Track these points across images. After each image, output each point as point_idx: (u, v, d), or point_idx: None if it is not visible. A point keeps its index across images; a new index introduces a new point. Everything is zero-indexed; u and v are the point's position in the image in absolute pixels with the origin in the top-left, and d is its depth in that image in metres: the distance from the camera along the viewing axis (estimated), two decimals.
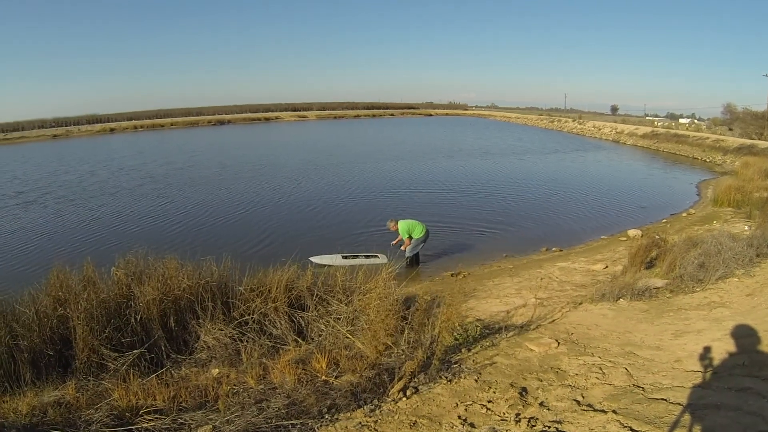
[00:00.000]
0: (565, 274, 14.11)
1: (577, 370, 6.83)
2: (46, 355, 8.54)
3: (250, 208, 27.13)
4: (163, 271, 10.05)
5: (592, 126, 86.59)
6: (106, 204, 29.85)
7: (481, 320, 9.84)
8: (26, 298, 9.33)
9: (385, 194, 29.45)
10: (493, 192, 31.02)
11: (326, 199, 29.39)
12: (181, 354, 9.16)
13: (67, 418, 6.49)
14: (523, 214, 24.56)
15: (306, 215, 25.35)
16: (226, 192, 32.29)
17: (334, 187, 33.25)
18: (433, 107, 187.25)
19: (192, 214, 26.34)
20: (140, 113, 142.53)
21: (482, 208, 26.23)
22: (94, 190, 34.73)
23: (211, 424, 6.07)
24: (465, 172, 39.60)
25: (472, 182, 34.43)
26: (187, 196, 31.44)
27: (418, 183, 33.96)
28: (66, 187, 36.72)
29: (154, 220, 25.48)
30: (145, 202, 29.95)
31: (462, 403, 6.13)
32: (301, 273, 10.57)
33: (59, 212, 28.32)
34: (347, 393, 6.65)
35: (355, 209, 26.46)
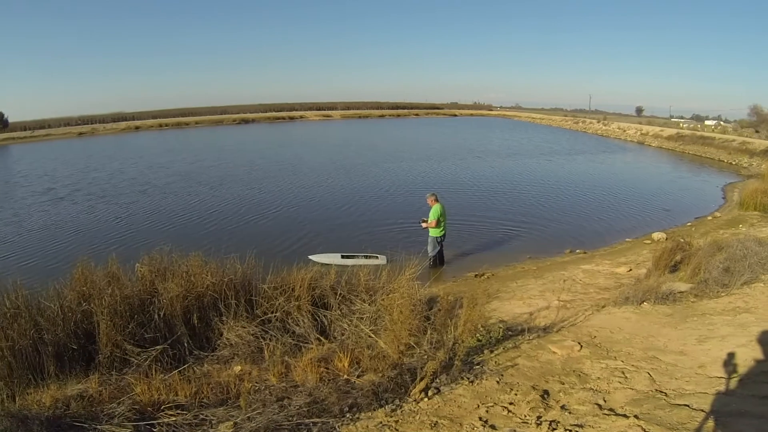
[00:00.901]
0: (589, 277, 14.00)
1: (600, 374, 6.79)
2: (69, 348, 8.62)
3: (279, 207, 27.23)
4: (187, 268, 10.12)
5: (617, 127, 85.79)
6: (137, 201, 30.12)
7: (504, 322, 9.79)
8: (51, 292, 9.43)
9: (413, 193, 29.32)
10: (520, 192, 30.91)
11: (354, 197, 29.54)
12: (204, 351, 9.22)
13: (89, 411, 6.53)
14: (549, 215, 24.46)
15: (334, 214, 25.48)
16: (254, 190, 32.41)
17: (361, 186, 33.42)
18: (458, 107, 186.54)
19: (220, 212, 26.50)
20: (165, 112, 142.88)
21: (508, 207, 26.19)
22: (124, 188, 35.03)
23: (232, 421, 6.10)
24: (492, 172, 39.51)
25: (499, 182, 34.42)
26: (216, 194, 31.59)
27: (446, 182, 33.77)
28: (96, 184, 37.12)
29: (182, 217, 25.69)
30: (174, 200, 30.22)
31: (483, 405, 6.12)
32: (324, 272, 10.58)
33: (89, 209, 28.63)
34: (369, 392, 6.65)
35: (383, 207, 26.61)
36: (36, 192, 34.98)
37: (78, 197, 32.16)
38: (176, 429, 6.01)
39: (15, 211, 28.83)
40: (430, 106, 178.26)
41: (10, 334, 8.25)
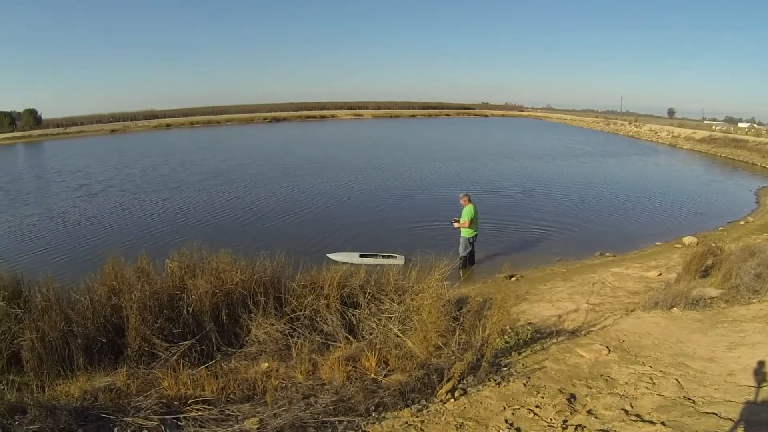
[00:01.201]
0: (618, 280, 13.89)
1: (627, 379, 6.75)
2: (98, 342, 8.76)
3: (311, 206, 27.40)
4: (217, 265, 10.21)
5: (649, 129, 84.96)
6: (169, 198, 30.49)
7: (532, 324, 9.73)
8: (82, 286, 9.63)
9: (444, 193, 29.34)
10: (551, 193, 30.85)
11: (386, 196, 29.77)
12: (232, 347, 9.30)
13: (117, 404, 6.60)
14: (580, 217, 24.39)
15: (365, 213, 25.67)
16: (286, 189, 32.61)
17: (393, 185, 33.64)
18: (488, 108, 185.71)
19: (252, 209, 26.69)
20: (196, 110, 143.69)
21: (540, 209, 26.12)
22: (157, 184, 35.44)
23: (258, 417, 6.12)
24: (524, 173, 39.47)
25: (530, 183, 34.36)
26: (248, 192, 31.82)
27: (477, 182, 33.79)
28: (128, 181, 37.59)
29: (214, 214, 25.92)
30: (206, 197, 30.54)
31: (509, 407, 6.11)
32: (354, 271, 10.60)
33: (122, 205, 29.02)
34: (395, 392, 6.66)
35: (414, 207, 26.76)
36: (70, 188, 35.60)
37: (111, 193, 32.64)
38: (202, 423, 6.04)
39: (50, 207, 29.33)
40: (461, 107, 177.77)
41: (40, 326, 8.39)
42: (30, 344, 8.35)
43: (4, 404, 6.05)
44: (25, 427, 5.55)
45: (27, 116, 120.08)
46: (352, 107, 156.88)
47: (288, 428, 5.81)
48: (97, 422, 6.01)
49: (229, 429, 5.86)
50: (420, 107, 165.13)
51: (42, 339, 8.36)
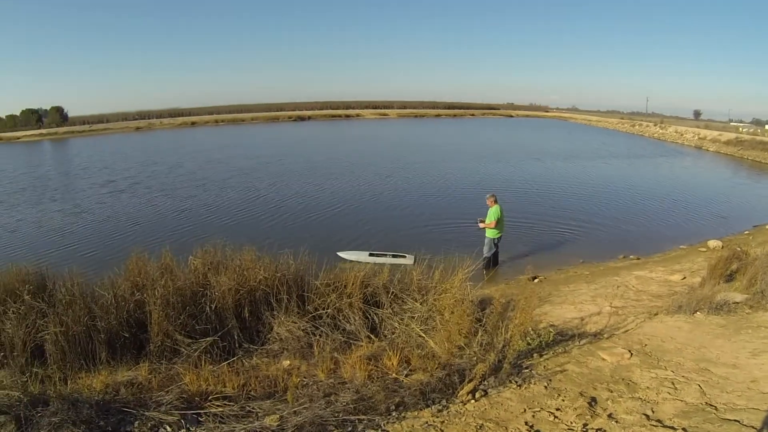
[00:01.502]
0: (642, 284, 13.80)
1: (649, 383, 6.71)
2: (121, 336, 8.87)
3: (336, 204, 27.52)
4: (240, 263, 10.29)
5: (674, 131, 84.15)
6: (195, 195, 30.83)
7: (554, 326, 9.73)
8: (106, 281, 9.77)
9: (469, 193, 29.40)
10: (577, 194, 30.81)
11: (411, 196, 29.94)
12: (254, 344, 9.36)
13: (138, 398, 6.67)
14: (604, 219, 24.29)
15: (391, 212, 25.77)
16: (312, 187, 32.81)
17: (418, 184, 33.71)
18: (513, 108, 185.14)
19: (277, 207, 26.91)
20: (221, 108, 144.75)
21: (565, 209, 26.10)
22: (183, 182, 35.82)
23: (278, 414, 6.15)
24: (550, 174, 39.43)
25: (556, 184, 34.38)
26: (274, 190, 32.04)
27: (503, 183, 33.80)
28: (155, 178, 38.08)
29: (240, 212, 26.13)
30: (232, 195, 30.80)
31: (530, 410, 6.10)
32: (378, 270, 10.61)
33: (149, 201, 29.42)
34: (416, 392, 6.67)
35: (440, 206, 26.94)
36: (96, 184, 36.14)
37: (138, 190, 33.00)
38: (222, 419, 6.09)
39: (77, 203, 29.75)
40: (486, 107, 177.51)
41: (64, 320, 8.52)
42: (54, 338, 8.47)
43: (27, 396, 6.13)
44: (48, 419, 5.61)
45: (53, 113, 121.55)
46: (377, 107, 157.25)
47: (308, 426, 5.83)
48: (119, 416, 6.07)
49: (249, 425, 5.89)
50: (445, 107, 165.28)
51: (65, 333, 8.48)
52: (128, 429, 5.83)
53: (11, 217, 27.22)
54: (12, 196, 33.35)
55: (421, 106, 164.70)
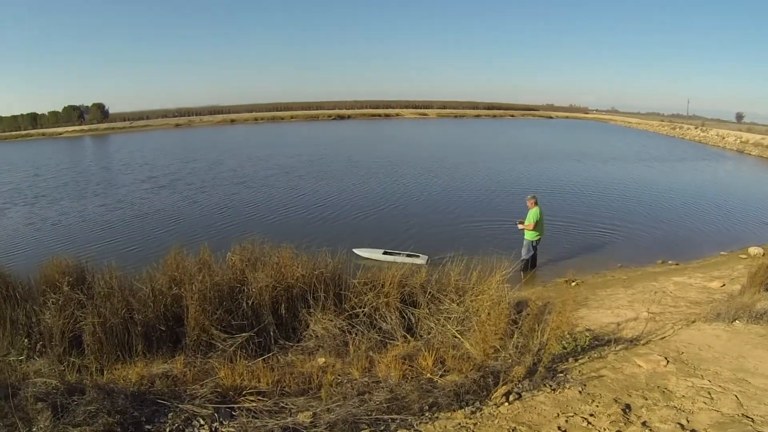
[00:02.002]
0: (680, 290, 13.65)
1: (685, 392, 6.62)
2: (158, 330, 9.09)
3: (380, 204, 27.61)
4: (278, 259, 10.42)
5: (715, 134, 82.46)
6: (237, 193, 31.11)
7: (590, 330, 9.68)
8: (144, 275, 9.96)
9: (511, 193, 29.45)
10: (618, 197, 30.45)
11: (454, 196, 29.90)
12: (289, 341, 9.50)
13: (173, 390, 6.78)
14: (644, 222, 23.96)
15: (432, 212, 25.74)
16: (355, 186, 32.92)
17: (460, 184, 33.76)
18: (553, 109, 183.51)
19: (319, 206, 27.04)
20: (260, 105, 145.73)
21: (605, 212, 25.92)
22: (224, 179, 36.21)
23: (311, 411, 6.20)
24: (592, 175, 39.13)
25: (597, 186, 34.14)
26: (317, 188, 32.22)
27: (544, 184, 33.73)
28: (195, 174, 38.63)
29: (281, 210, 26.39)
30: (273, 193, 31.05)
31: (563, 414, 6.07)
32: (415, 269, 10.68)
33: (190, 198, 29.84)
34: (450, 393, 6.68)
35: (481, 206, 26.92)
36: (138, 180, 36.80)
37: (179, 186, 33.51)
38: (255, 414, 6.16)
39: (119, 198, 30.30)
40: (525, 108, 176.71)
41: (102, 311, 8.74)
42: (91, 329, 8.69)
43: (64, 384, 6.24)
44: (83, 408, 5.72)
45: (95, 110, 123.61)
46: (417, 106, 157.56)
47: (341, 424, 5.87)
48: (153, 407, 6.16)
49: (282, 421, 5.93)
50: (484, 107, 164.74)
51: (103, 324, 8.69)
52: (162, 420, 5.91)
53: (54, 211, 27.83)
54: (55, 191, 34.04)
55: (460, 106, 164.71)
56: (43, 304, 9.35)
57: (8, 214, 27.68)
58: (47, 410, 5.66)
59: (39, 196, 32.64)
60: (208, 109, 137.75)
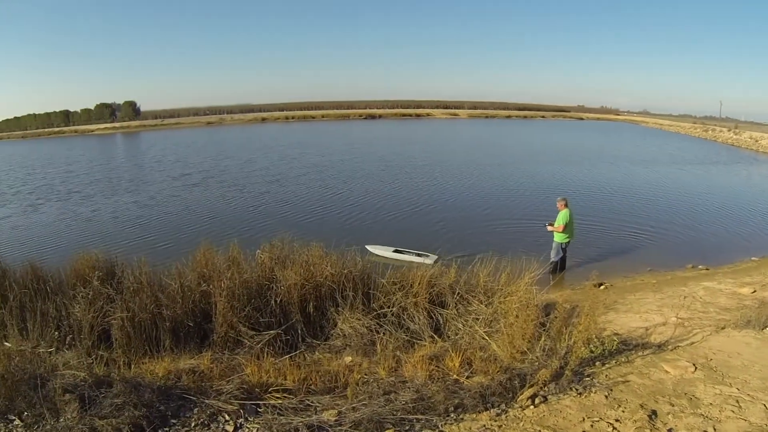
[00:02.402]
0: (710, 295, 13.47)
1: (712, 400, 6.58)
2: (186, 325, 9.23)
3: (413, 204, 27.67)
4: (307, 258, 10.50)
5: (749, 137, 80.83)
6: (269, 191, 31.36)
7: (618, 335, 9.58)
8: (173, 271, 10.08)
9: (546, 195, 28.69)
10: (650, 200, 30.12)
11: (487, 196, 30.06)
12: (317, 339, 9.58)
13: (199, 386, 6.88)
14: (675, 226, 23.66)
15: (465, 212, 25.76)
16: (388, 186, 33.14)
17: (495, 185, 33.83)
18: (584, 111, 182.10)
19: (351, 206, 27.22)
20: (291, 104, 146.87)
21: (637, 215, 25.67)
22: (257, 177, 36.57)
23: (336, 409, 6.25)
24: (625, 178, 38.89)
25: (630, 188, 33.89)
26: (349, 188, 32.46)
27: (578, 186, 33.79)
28: (228, 172, 39.03)
29: (316, 209, 26.56)
30: (306, 191, 31.36)
31: (589, 419, 6.06)
32: (444, 270, 10.65)
33: (222, 196, 30.27)
34: (476, 394, 6.67)
35: (515, 207, 27.03)
36: (170, 177, 37.46)
37: (211, 184, 33.97)
38: (281, 411, 6.21)
39: (152, 195, 30.80)
40: (556, 109, 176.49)
41: (131, 306, 8.93)
42: (120, 323, 8.88)
43: (92, 377, 6.36)
44: (110, 400, 5.83)
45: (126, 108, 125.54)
46: (448, 107, 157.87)
47: (366, 423, 5.90)
48: (179, 402, 6.25)
49: (307, 419, 5.98)
50: (515, 108, 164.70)
51: (132, 319, 8.86)
52: (187, 415, 5.99)
53: (87, 207, 28.39)
54: (88, 187, 34.80)
55: (491, 107, 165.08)
56: (73, 297, 9.53)
57: (42, 209, 28.40)
58: (75, 402, 5.75)
59: (72, 192, 33.39)
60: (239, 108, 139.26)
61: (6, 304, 9.58)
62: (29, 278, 10.57)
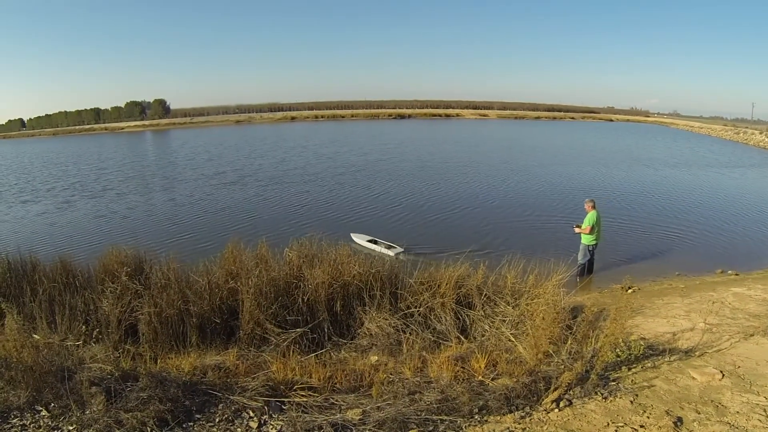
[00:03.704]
0: (739, 301, 13.29)
1: (739, 408, 6.53)
2: (212, 322, 9.34)
3: (454, 206, 27.50)
4: (336, 257, 10.55)
5: None
6: (309, 191, 31.62)
7: (645, 339, 9.54)
8: (201, 268, 10.23)
9: (577, 197, 28.50)
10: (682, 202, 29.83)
11: (524, 198, 29.87)
12: (343, 338, 9.61)
13: (224, 382, 6.95)
14: (705, 230, 23.30)
15: (506, 215, 25.61)
16: (426, 186, 33.12)
17: (529, 187, 33.67)
18: (613, 112, 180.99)
19: (389, 206, 27.20)
20: (320, 104, 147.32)
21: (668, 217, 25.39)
22: (293, 176, 36.80)
23: (361, 408, 6.29)
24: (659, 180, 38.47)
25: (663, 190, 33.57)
26: (389, 188, 32.42)
27: (612, 188, 33.70)
28: (263, 171, 39.47)
29: (359, 210, 26.56)
30: (348, 191, 31.48)
31: (613, 423, 6.06)
32: (472, 271, 10.63)
33: (259, 194, 30.54)
34: (501, 396, 6.68)
35: (552, 208, 26.87)
36: (205, 175, 37.89)
37: (248, 183, 34.28)
38: (305, 409, 6.28)
39: (188, 193, 31.41)
40: (585, 110, 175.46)
41: (158, 302, 9.07)
42: (147, 318, 9.04)
43: (118, 370, 6.47)
44: (136, 394, 5.95)
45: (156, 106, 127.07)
46: (477, 107, 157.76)
47: (390, 422, 5.95)
48: (204, 397, 6.34)
49: (331, 417, 6.04)
50: (545, 109, 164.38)
51: (159, 314, 9.01)
52: (212, 411, 6.07)
53: (122, 204, 28.87)
54: (123, 184, 35.33)
55: (520, 107, 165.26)
56: (102, 292, 9.66)
57: (77, 206, 28.84)
58: (101, 394, 5.85)
59: (107, 189, 34.05)
60: (268, 106, 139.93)
61: (35, 297, 9.75)
62: (59, 272, 10.79)
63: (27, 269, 11.47)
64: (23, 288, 10.34)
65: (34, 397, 5.98)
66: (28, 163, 59.15)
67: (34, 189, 36.19)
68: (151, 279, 10.23)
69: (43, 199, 31.70)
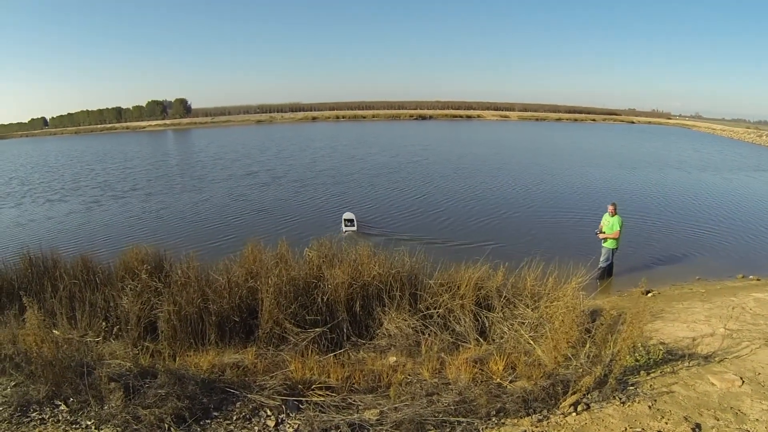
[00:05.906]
0: (760, 306, 13.15)
1: (759, 416, 6.49)
2: (231, 320, 9.41)
3: (503, 210, 27.35)
4: (356, 257, 10.62)
5: None
6: (346, 192, 31.57)
7: (664, 344, 9.49)
8: (221, 267, 10.37)
9: (602, 200, 28.35)
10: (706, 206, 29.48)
11: (552, 200, 29.82)
12: (362, 338, 9.64)
13: (242, 380, 7.03)
14: (727, 234, 22.99)
15: (537, 219, 25.42)
16: (461, 187, 33.18)
17: (560, 189, 33.64)
18: (635, 114, 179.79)
19: (438, 210, 26.88)
20: (341, 104, 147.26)
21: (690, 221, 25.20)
22: (326, 178, 36.86)
23: (378, 409, 6.33)
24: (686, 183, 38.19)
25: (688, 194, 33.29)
26: (429, 190, 32.27)
27: (644, 190, 33.57)
28: (295, 171, 39.90)
29: (401, 211, 26.49)
30: (385, 193, 31.35)
31: (631, 429, 6.05)
32: (492, 273, 10.65)
33: (296, 194, 30.60)
34: (518, 399, 6.69)
35: (580, 210, 26.69)
36: (235, 175, 38.12)
37: (284, 183, 34.43)
38: (323, 409, 6.34)
39: (226, 192, 31.65)
40: (606, 112, 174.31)
41: (178, 300, 9.15)
42: (166, 316, 9.14)
43: (137, 367, 6.55)
44: (154, 390, 6.02)
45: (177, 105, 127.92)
46: (499, 108, 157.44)
47: (407, 423, 5.98)
48: (221, 395, 6.40)
49: (348, 417, 6.07)
50: (566, 111, 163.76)
51: (178, 312, 9.10)
52: (230, 408, 6.13)
53: (151, 204, 29.14)
54: (149, 184, 35.66)
55: (542, 109, 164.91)
56: (122, 289, 9.76)
57: (105, 206, 29.15)
58: (119, 390, 5.91)
59: (136, 188, 34.43)
60: (290, 106, 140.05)
61: (56, 293, 9.87)
62: (79, 269, 10.92)
63: (48, 266, 11.68)
64: (44, 284, 10.54)
65: (53, 391, 6.06)
66: (53, 161, 59.60)
67: (63, 187, 36.60)
68: (171, 277, 10.33)
69: (71, 198, 31.98)
